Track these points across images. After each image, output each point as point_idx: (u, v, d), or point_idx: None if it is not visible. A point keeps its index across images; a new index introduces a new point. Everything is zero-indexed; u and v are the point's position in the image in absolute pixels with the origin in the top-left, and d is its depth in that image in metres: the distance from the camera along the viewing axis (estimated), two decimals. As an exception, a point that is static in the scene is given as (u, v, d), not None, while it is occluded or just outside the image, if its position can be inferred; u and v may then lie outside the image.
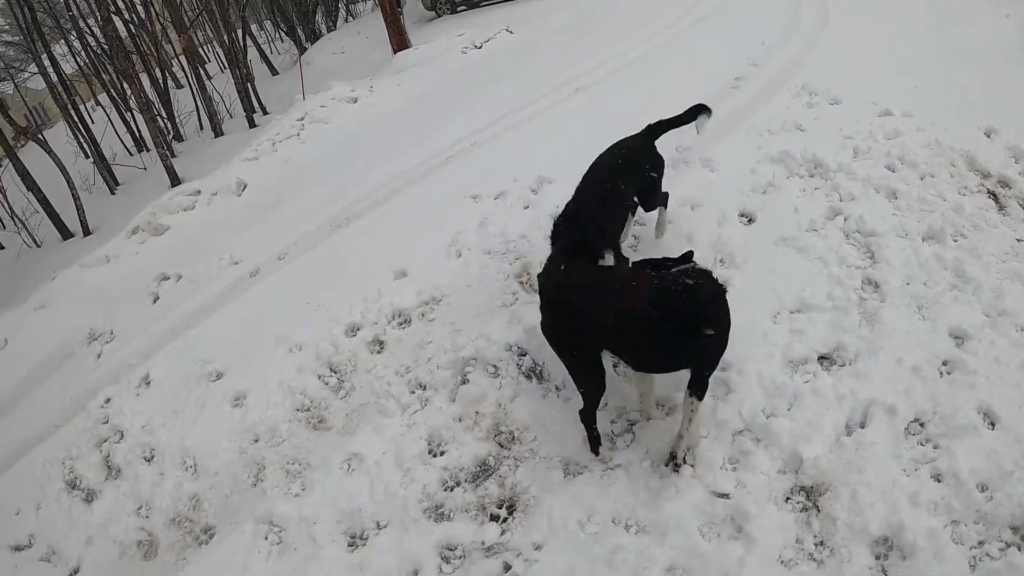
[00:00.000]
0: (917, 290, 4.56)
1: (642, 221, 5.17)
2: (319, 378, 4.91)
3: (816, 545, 3.40)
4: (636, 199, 4.75)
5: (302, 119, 10.36)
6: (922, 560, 3.21)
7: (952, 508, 3.41)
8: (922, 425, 3.79)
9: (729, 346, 4.12)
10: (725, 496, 3.57)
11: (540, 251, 5.07)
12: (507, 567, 3.62)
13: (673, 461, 3.68)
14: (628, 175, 4.60)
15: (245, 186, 8.79)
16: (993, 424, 3.76)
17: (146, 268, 7.72)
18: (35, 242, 13.41)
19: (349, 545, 3.95)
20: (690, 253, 3.75)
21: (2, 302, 10.03)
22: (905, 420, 3.80)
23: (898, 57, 7.47)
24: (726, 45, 8.41)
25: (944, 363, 4.11)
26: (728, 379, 4.07)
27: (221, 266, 6.91)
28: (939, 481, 3.52)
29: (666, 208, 5.00)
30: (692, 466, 3.70)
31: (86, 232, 12.28)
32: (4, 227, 15.73)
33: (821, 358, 4.18)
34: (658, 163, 4.82)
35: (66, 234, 12.69)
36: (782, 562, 3.35)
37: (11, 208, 14.76)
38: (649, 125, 4.83)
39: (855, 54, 7.47)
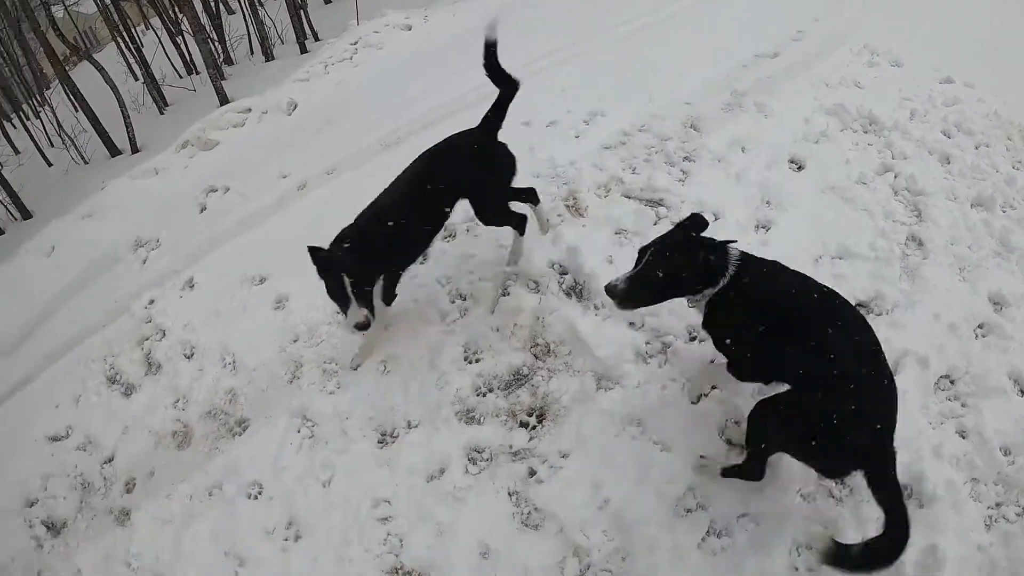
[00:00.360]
0: (961, 252, 4.57)
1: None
2: (361, 283, 4.97)
3: (836, 483, 3.43)
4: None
5: (355, 44, 10.39)
6: (939, 510, 3.25)
7: (974, 466, 3.45)
8: (952, 382, 3.82)
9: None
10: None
11: (588, 178, 5.14)
12: (532, 472, 3.71)
13: None
14: (442, 181, 4.14)
15: (296, 106, 8.86)
16: (1023, 391, 3.78)
17: (194, 180, 7.86)
18: (83, 159, 13.64)
19: (379, 442, 4.07)
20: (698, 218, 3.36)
21: (51, 213, 10.23)
22: (936, 374, 3.82)
23: (964, 29, 7.36)
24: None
25: (980, 326, 4.13)
26: (763, 315, 4.08)
27: (269, 179, 7.00)
28: (964, 438, 3.56)
29: (522, 233, 4.49)
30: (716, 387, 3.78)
31: (134, 149, 12.45)
32: (52, 144, 16.00)
33: (858, 304, 4.18)
34: (492, 164, 4.24)
35: (114, 151, 12.88)
36: (801, 495, 3.40)
37: (60, 126, 14.98)
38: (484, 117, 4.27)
39: (921, 20, 7.36)
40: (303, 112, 8.72)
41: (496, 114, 4.22)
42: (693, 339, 4.04)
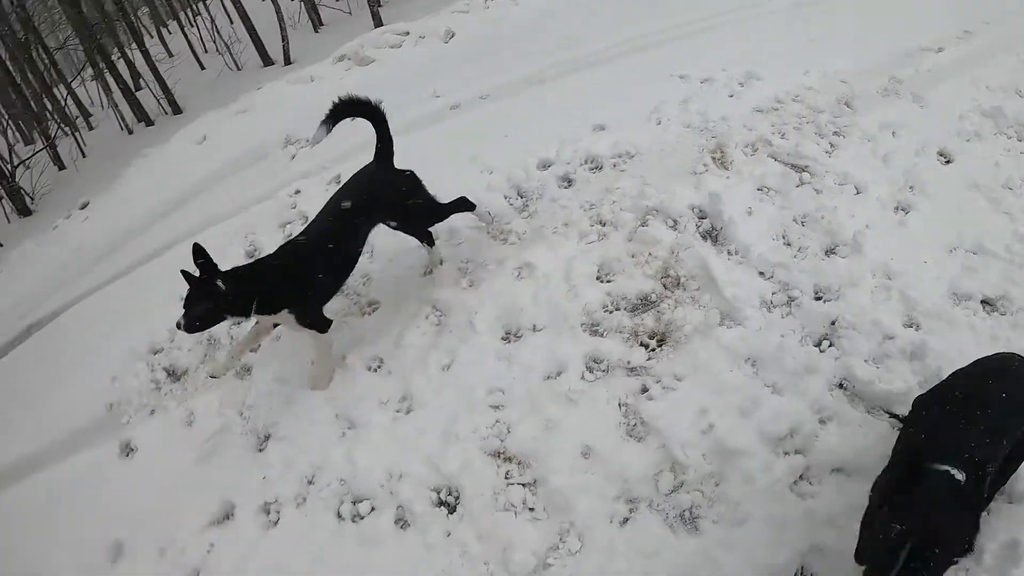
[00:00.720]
0: (1097, 277, 4.49)
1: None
2: (505, 198, 5.22)
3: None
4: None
5: (518, -19, 10.55)
6: (1026, 509, 3.26)
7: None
8: (1062, 392, 3.80)
9: (896, 260, 4.28)
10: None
11: (736, 136, 5.28)
12: (644, 388, 3.86)
13: None
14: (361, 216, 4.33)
15: (453, 35, 9.11)
16: None
17: (349, 90, 8.17)
18: (236, 65, 14.22)
19: (503, 338, 4.29)
20: None
21: (201, 110, 10.75)
22: (1049, 380, 3.81)
23: None
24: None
25: (1104, 347, 4.09)
26: (890, 286, 4.17)
27: (422, 97, 7.28)
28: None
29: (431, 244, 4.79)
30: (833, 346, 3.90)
31: (287, 61, 12.91)
32: (207, 51, 16.71)
33: (984, 301, 4.20)
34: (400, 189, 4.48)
35: (267, 61, 13.39)
36: (901, 464, 3.49)
37: (217, 31, 15.62)
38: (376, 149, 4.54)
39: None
40: (460, 41, 8.96)
41: (383, 144, 4.51)
42: (819, 298, 4.16)
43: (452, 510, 3.63)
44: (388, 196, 4.41)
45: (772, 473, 3.43)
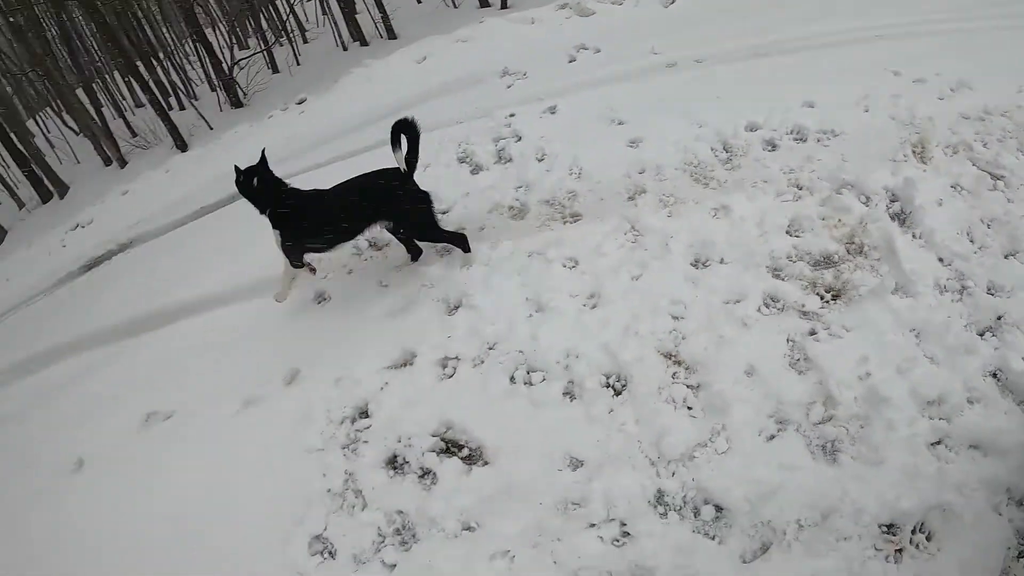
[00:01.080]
0: None
1: None
2: (711, 149, 5.69)
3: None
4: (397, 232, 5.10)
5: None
6: None
7: None
8: None
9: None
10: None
11: (939, 136, 5.52)
12: (812, 332, 4.26)
13: None
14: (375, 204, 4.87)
15: (673, 1, 9.58)
16: None
17: (568, 36, 8.75)
18: (453, 3, 14.93)
19: (692, 264, 4.77)
20: None
21: (416, 37, 11.43)
22: None
23: None
24: None
25: None
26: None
27: (640, 52, 7.77)
28: None
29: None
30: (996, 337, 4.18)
31: (503, 5, 13.38)
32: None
33: None
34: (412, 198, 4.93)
35: (483, 3, 14.02)
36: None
37: (438, -29, 16.36)
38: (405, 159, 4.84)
39: None
40: (680, 8, 9.37)
41: (411, 156, 4.84)
42: (990, 293, 4.41)
43: (618, 393, 4.13)
44: (396, 204, 4.89)
45: (914, 428, 3.74)
